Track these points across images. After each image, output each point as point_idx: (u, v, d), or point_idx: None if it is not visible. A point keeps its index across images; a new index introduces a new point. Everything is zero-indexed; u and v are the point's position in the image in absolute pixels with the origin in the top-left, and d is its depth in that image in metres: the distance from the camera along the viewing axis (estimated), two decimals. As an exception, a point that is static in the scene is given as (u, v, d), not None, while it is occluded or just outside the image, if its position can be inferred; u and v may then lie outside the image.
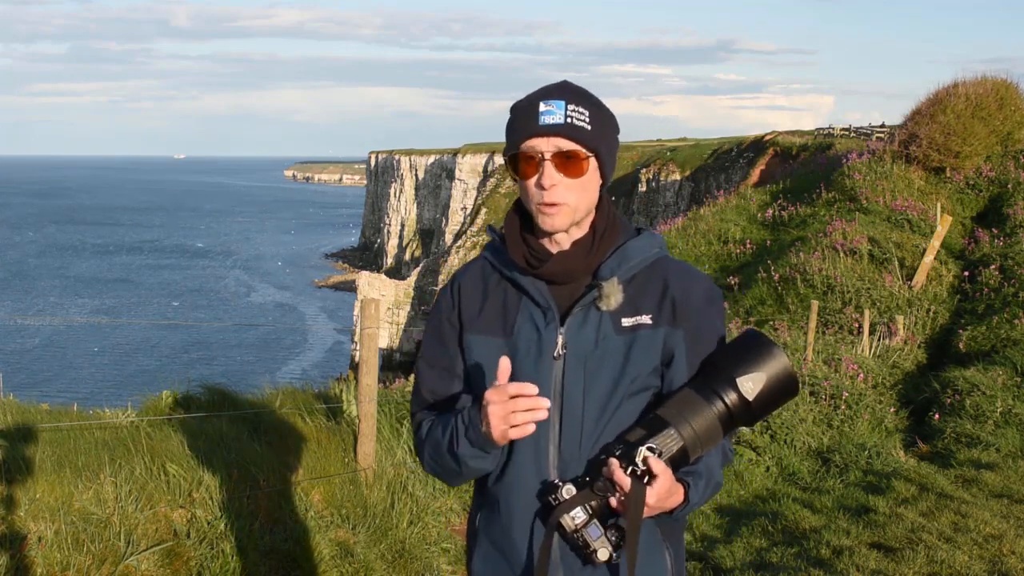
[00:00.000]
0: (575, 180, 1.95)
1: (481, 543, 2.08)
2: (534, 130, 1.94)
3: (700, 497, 1.93)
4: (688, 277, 2.02)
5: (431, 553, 5.07)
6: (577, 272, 2.00)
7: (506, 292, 2.05)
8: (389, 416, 6.30)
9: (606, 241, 2.02)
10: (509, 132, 2.00)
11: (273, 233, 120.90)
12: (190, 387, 5.75)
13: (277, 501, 4.66)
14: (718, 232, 19.36)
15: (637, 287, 2.00)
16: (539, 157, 1.94)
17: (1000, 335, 12.26)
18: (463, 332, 2.08)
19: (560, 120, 1.93)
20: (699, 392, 1.91)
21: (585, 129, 1.95)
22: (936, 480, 7.20)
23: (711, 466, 1.96)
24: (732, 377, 1.90)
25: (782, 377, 1.92)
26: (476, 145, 74.79)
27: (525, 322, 2.01)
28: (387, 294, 55.18)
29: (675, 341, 1.98)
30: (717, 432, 1.91)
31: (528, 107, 1.97)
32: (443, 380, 2.11)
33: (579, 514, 1.86)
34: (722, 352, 1.98)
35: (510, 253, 2.03)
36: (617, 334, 1.96)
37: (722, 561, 5.46)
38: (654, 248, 2.03)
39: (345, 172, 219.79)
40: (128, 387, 35.83)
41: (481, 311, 2.06)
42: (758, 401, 1.91)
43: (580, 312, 1.98)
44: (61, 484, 4.13)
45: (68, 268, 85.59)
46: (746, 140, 47.10)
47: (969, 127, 19.07)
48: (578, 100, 1.96)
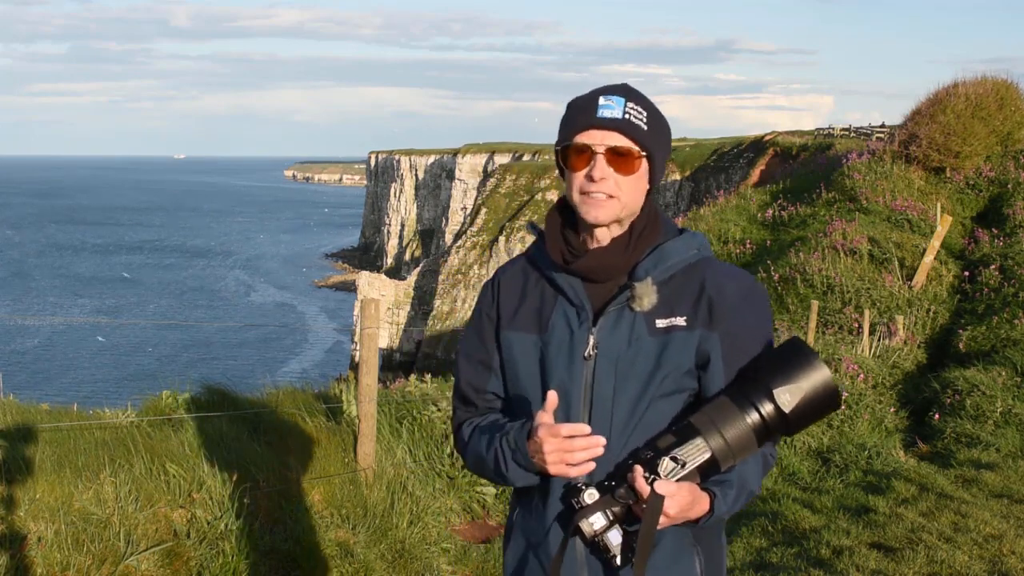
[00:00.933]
0: (626, 177, 1.95)
1: (516, 539, 2.09)
2: (591, 122, 1.94)
3: (730, 507, 1.91)
4: (727, 278, 1.99)
5: (431, 553, 5.07)
6: (613, 270, 1.99)
7: (544, 290, 2.06)
8: (389, 416, 6.29)
9: (644, 240, 2.00)
10: (564, 125, 1.99)
11: (273, 233, 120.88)
12: (190, 387, 5.75)
13: (277, 501, 4.66)
14: (718, 232, 19.36)
15: (674, 288, 1.97)
16: (592, 150, 1.94)
17: (1000, 335, 12.26)
18: (500, 328, 2.09)
19: (619, 115, 1.94)
20: (734, 401, 1.87)
21: (642, 128, 1.95)
22: (936, 480, 7.20)
23: (745, 475, 1.93)
24: (769, 388, 1.86)
25: (822, 390, 1.87)
26: (476, 145, 74.80)
27: (559, 320, 2.01)
28: (387, 294, 55.16)
29: (711, 344, 1.95)
30: (751, 442, 1.87)
31: (587, 101, 1.97)
32: (480, 374, 2.12)
33: (599, 520, 1.85)
34: (761, 359, 1.93)
35: (548, 248, 2.03)
36: (651, 335, 1.95)
37: (722, 561, 5.45)
38: (692, 249, 2.01)
39: (345, 172, 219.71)
40: (128, 387, 35.83)
41: (519, 307, 2.07)
42: (795, 413, 1.86)
43: (613, 312, 1.97)
44: (61, 484, 4.13)
45: (68, 267, 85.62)
46: (746, 140, 47.09)
47: (969, 127, 19.07)
48: (637, 100, 1.97)
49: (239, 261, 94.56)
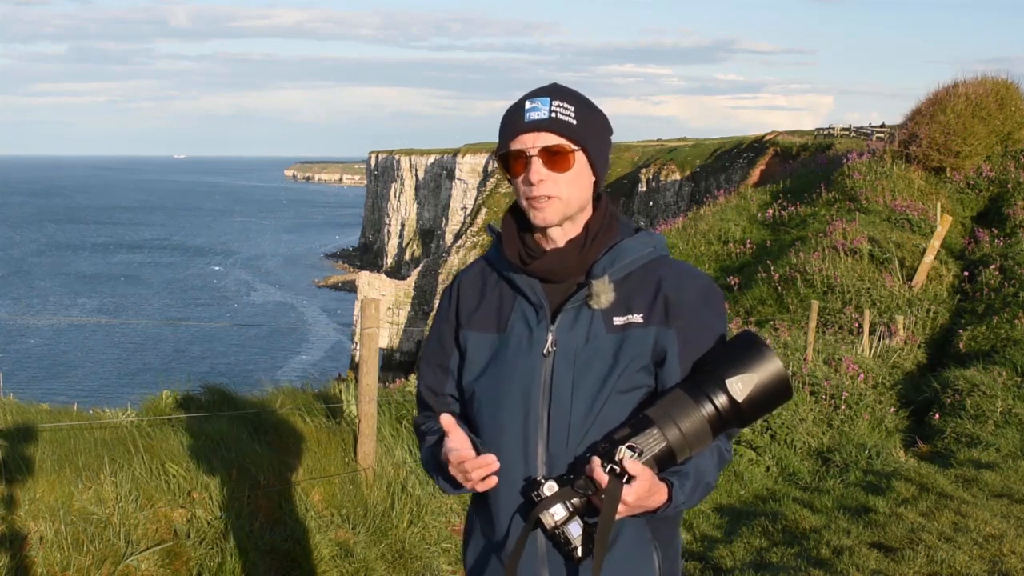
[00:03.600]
0: (562, 174, 1.97)
1: (475, 538, 2.12)
2: (520, 127, 1.98)
3: (687, 497, 1.93)
4: (683, 276, 2.02)
5: (431, 553, 5.07)
6: (570, 270, 2.02)
7: (503, 290, 2.09)
8: (389, 416, 6.30)
9: (600, 240, 2.03)
10: (500, 134, 2.03)
11: (273, 233, 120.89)
12: (190, 387, 5.75)
13: (277, 501, 4.66)
14: (718, 232, 19.36)
15: (631, 286, 2.00)
16: (526, 154, 1.97)
17: (1000, 335, 12.27)
18: (459, 328, 2.13)
19: (544, 116, 1.96)
20: (688, 392, 1.90)
21: (570, 124, 1.97)
22: (936, 480, 7.20)
23: (702, 467, 1.95)
24: (722, 378, 1.90)
25: (774, 380, 1.90)
26: (476, 145, 74.76)
27: (518, 319, 2.04)
28: (387, 294, 55.18)
29: (667, 340, 1.97)
30: (706, 433, 1.90)
31: (516, 107, 2.01)
32: (438, 377, 2.16)
33: (559, 511, 1.87)
34: (715, 353, 1.97)
35: (505, 250, 2.07)
36: (608, 333, 1.97)
37: (722, 561, 5.46)
38: (648, 247, 2.04)
39: (345, 172, 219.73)
40: (128, 386, 35.85)
41: (477, 308, 2.10)
42: (748, 403, 1.90)
43: (571, 310, 2.00)
44: (61, 484, 4.13)
45: (68, 267, 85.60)
46: (746, 140, 47.08)
47: (969, 127, 19.08)
48: (563, 97, 1.99)
49: (239, 260, 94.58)
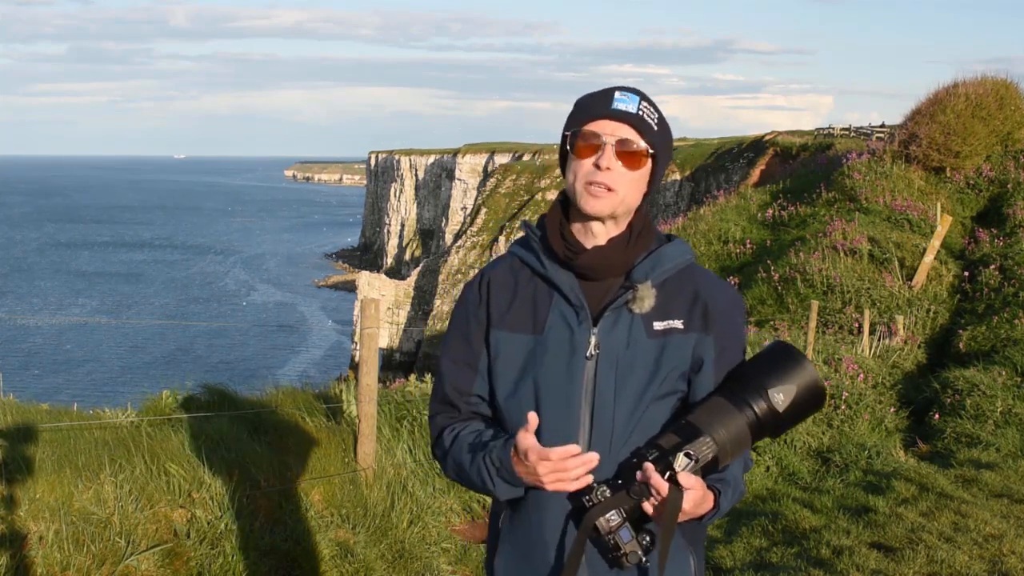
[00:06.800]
0: (630, 172, 1.96)
1: (504, 543, 2.06)
2: (605, 112, 1.95)
3: (727, 504, 1.96)
4: (717, 285, 2.05)
5: (431, 553, 5.07)
6: (611, 268, 1.99)
7: (536, 289, 2.03)
8: (389, 416, 6.30)
9: (641, 242, 2.02)
10: (575, 113, 2.00)
11: (273, 233, 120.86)
12: (190, 387, 5.75)
13: (277, 501, 4.66)
14: (718, 232, 19.37)
15: (668, 292, 2.00)
16: (602, 139, 1.94)
17: (1000, 335, 12.27)
18: (490, 328, 2.05)
19: (633, 110, 1.95)
20: (731, 401, 1.93)
21: (652, 128, 1.97)
22: (936, 480, 7.20)
23: (736, 475, 1.99)
24: (764, 388, 1.92)
25: (811, 390, 1.95)
26: (476, 145, 74.73)
27: (557, 320, 1.99)
28: (387, 294, 55.15)
29: (704, 347, 1.99)
30: (746, 441, 1.93)
31: (602, 94, 1.99)
32: (466, 376, 2.08)
33: (614, 516, 1.87)
34: (753, 362, 2.00)
35: (551, 242, 2.01)
36: (649, 337, 1.97)
37: (722, 561, 5.45)
38: (686, 255, 2.04)
39: (345, 172, 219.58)
40: (128, 387, 35.85)
41: (510, 307, 2.03)
42: (787, 412, 1.93)
43: (613, 313, 1.98)
44: (61, 484, 4.13)
45: (68, 267, 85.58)
46: (746, 140, 47.06)
47: (969, 127, 19.08)
48: (650, 103, 2.00)
49: (239, 260, 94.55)
